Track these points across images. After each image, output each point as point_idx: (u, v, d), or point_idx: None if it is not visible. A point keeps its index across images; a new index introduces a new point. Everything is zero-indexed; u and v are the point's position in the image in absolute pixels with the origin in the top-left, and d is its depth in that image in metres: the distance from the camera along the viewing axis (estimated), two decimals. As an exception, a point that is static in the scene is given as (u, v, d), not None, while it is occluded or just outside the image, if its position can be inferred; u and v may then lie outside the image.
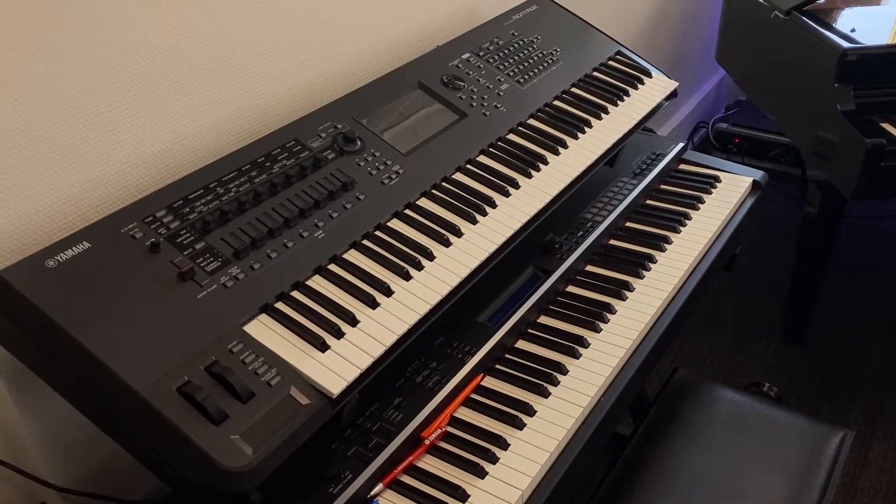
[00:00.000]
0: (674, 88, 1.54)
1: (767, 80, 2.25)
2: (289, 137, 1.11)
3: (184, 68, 1.09)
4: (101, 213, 1.01)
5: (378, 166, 1.13)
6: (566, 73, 1.45)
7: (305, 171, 1.07)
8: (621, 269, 1.31)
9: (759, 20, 2.16)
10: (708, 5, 3.05)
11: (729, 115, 3.17)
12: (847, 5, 2.19)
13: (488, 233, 1.11)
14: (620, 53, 1.57)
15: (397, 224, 1.08)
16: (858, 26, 1.99)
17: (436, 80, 1.30)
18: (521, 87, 1.38)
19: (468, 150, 1.22)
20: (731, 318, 2.46)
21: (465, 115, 1.27)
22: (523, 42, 1.47)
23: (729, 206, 1.48)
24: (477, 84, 1.34)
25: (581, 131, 1.34)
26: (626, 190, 1.46)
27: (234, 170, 1.04)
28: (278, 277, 0.95)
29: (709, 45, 3.04)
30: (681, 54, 2.98)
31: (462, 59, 1.37)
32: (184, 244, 0.93)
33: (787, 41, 2.06)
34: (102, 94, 1.00)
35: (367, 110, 1.20)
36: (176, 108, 1.10)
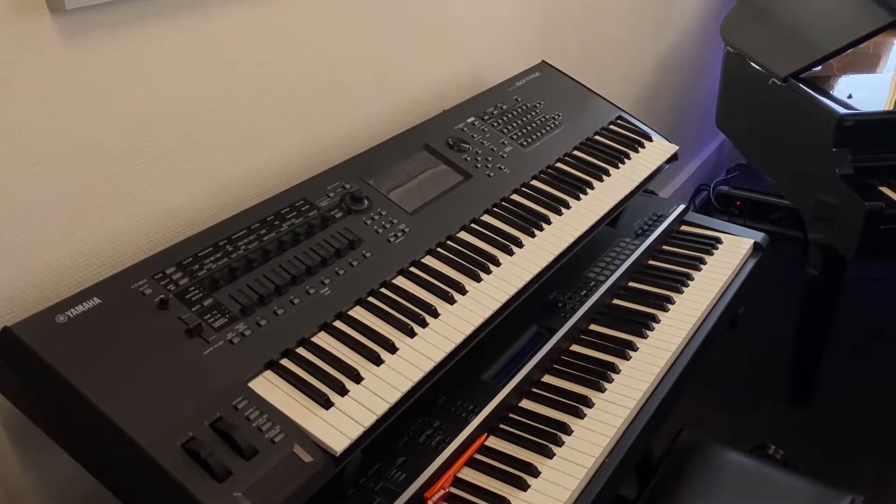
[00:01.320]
0: (674, 152, 1.57)
1: (767, 144, 2.30)
2: (298, 196, 1.14)
3: (196, 130, 1.13)
4: (113, 268, 1.03)
5: (384, 225, 1.15)
6: (568, 137, 1.49)
7: (313, 230, 1.09)
8: (625, 329, 1.32)
9: (757, 86, 2.22)
10: (707, 71, 3.13)
11: (730, 177, 3.21)
12: (844, 72, 2.25)
13: (492, 291, 1.12)
14: (621, 118, 1.61)
15: (402, 281, 1.09)
16: (856, 93, 2.04)
17: (441, 143, 1.34)
18: (525, 149, 1.41)
19: (473, 210, 1.24)
20: (736, 379, 2.45)
21: (469, 176, 1.30)
22: (526, 107, 1.51)
23: (731, 267, 1.49)
24: (481, 146, 1.37)
25: (583, 192, 1.36)
26: (629, 250, 1.48)
27: (243, 228, 1.06)
28: (284, 334, 0.95)
29: (709, 110, 3.10)
30: (681, 119, 3.04)
31: (467, 123, 1.41)
32: (192, 300, 0.94)
33: (785, 107, 2.10)
34: (116, 154, 1.03)
35: (374, 171, 1.23)
36: (188, 169, 1.13)
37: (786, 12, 2.35)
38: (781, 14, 2.36)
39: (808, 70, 2.08)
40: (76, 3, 0.90)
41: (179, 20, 1.06)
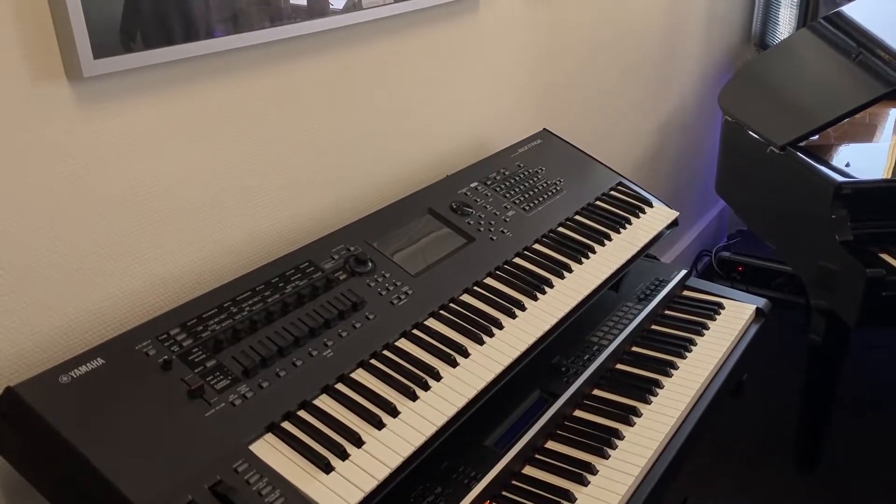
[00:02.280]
0: (674, 218, 1.59)
1: (766, 211, 2.32)
2: (303, 258, 1.15)
3: (204, 194, 1.15)
4: (118, 329, 1.03)
5: (388, 287, 1.16)
6: (570, 202, 1.51)
7: (317, 292, 1.10)
8: (628, 394, 1.31)
9: (755, 155, 2.25)
10: (706, 139, 3.18)
11: (731, 243, 3.23)
12: (841, 141, 2.28)
13: (495, 354, 1.12)
14: (622, 184, 1.63)
15: (405, 344, 1.10)
16: (853, 161, 2.07)
17: (445, 207, 1.36)
18: (527, 213, 1.43)
19: (476, 273, 1.25)
20: (741, 445, 2.41)
21: (472, 240, 1.31)
22: (529, 172, 1.54)
23: (733, 332, 1.49)
24: (484, 210, 1.39)
25: (585, 256, 1.38)
26: (632, 314, 1.48)
27: (248, 289, 1.07)
28: (286, 396, 0.95)
29: (709, 177, 3.14)
30: (681, 185, 3.08)
31: (470, 188, 1.43)
32: (195, 362, 0.94)
33: (783, 175, 2.13)
34: (125, 217, 1.05)
35: (378, 233, 1.25)
36: (195, 232, 1.14)
37: (782, 83, 2.41)
38: (778, 84, 2.42)
39: (806, 139, 2.12)
40: (93, 71, 0.93)
41: (189, 89, 1.09)
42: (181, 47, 1.03)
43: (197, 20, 1.04)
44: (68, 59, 0.92)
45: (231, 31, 1.09)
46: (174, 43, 1.02)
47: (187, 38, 1.03)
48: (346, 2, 1.27)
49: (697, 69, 2.94)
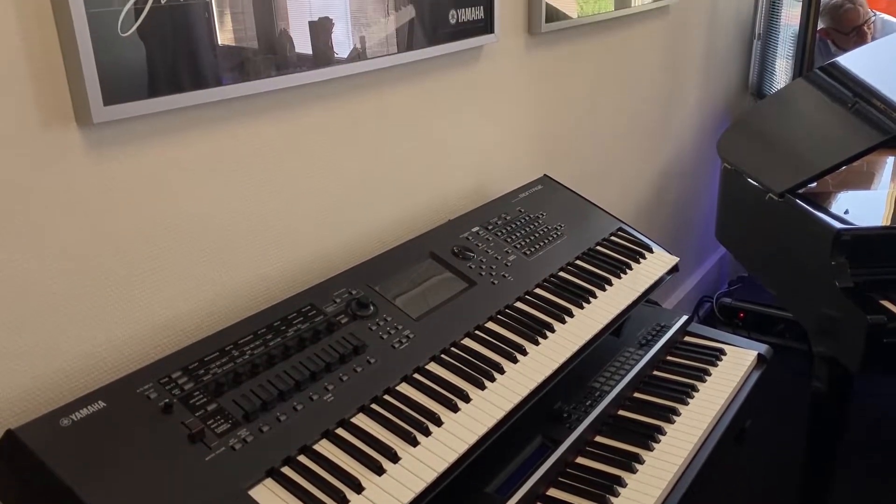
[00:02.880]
0: (675, 263, 1.60)
1: (766, 258, 2.33)
2: (305, 302, 1.15)
3: (209, 237, 1.16)
4: (120, 372, 1.03)
5: (389, 331, 1.16)
6: (570, 247, 1.52)
7: (319, 335, 1.10)
8: (631, 441, 1.30)
9: (754, 201, 2.27)
10: (706, 186, 3.21)
11: (732, 289, 3.23)
12: (839, 189, 2.31)
13: (497, 399, 1.12)
14: (622, 230, 1.65)
15: (406, 388, 1.09)
16: (852, 208, 2.08)
17: (447, 251, 1.37)
18: (528, 258, 1.44)
19: (477, 317, 1.26)
20: (746, 493, 2.37)
21: (474, 284, 1.32)
22: (529, 217, 1.55)
23: (735, 378, 1.48)
24: (486, 255, 1.40)
25: (586, 301, 1.38)
26: (633, 360, 1.47)
27: (249, 333, 1.07)
28: (286, 441, 0.95)
29: (709, 223, 3.16)
30: (681, 231, 3.09)
31: (472, 232, 1.44)
32: (196, 405, 0.94)
33: (782, 222, 2.15)
34: (131, 261, 1.06)
35: (380, 277, 1.25)
36: (199, 276, 1.15)
37: (780, 131, 2.44)
38: (776, 133, 2.46)
39: (804, 186, 2.14)
40: (103, 117, 0.95)
41: (196, 135, 1.11)
42: (190, 94, 1.05)
43: (205, 68, 1.07)
44: (79, 105, 0.94)
45: (238, 79, 1.12)
46: (183, 90, 1.04)
47: (196, 86, 1.06)
48: (350, 51, 1.30)
49: (696, 118, 2.98)
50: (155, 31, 0.99)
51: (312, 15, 1.22)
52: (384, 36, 1.35)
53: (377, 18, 1.33)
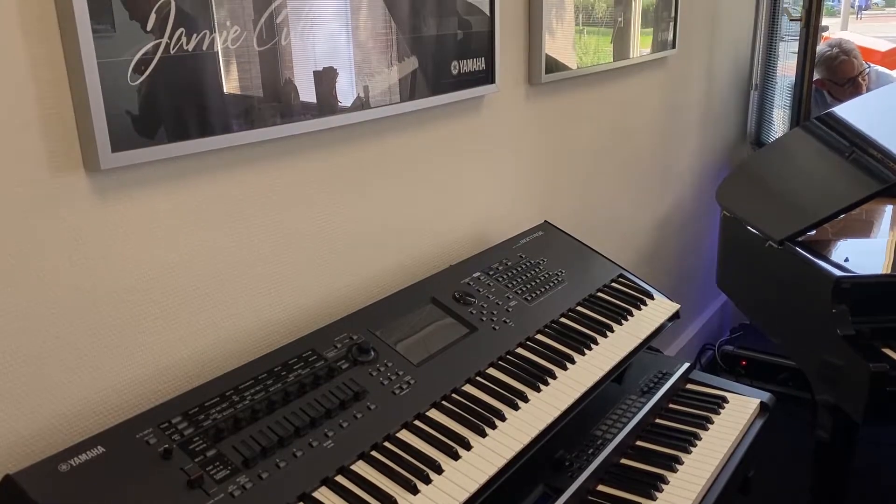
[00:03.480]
0: (676, 310, 1.60)
1: (767, 305, 2.33)
2: (306, 347, 1.16)
3: (212, 282, 1.16)
4: (120, 417, 1.03)
5: (390, 376, 1.16)
6: (571, 293, 1.52)
7: (319, 381, 1.10)
8: (633, 490, 1.29)
9: (754, 249, 2.28)
10: (706, 233, 3.23)
11: (734, 337, 3.22)
12: (839, 237, 2.32)
13: (498, 446, 1.11)
14: (623, 276, 1.65)
15: (406, 435, 1.09)
16: (852, 256, 2.09)
17: (448, 296, 1.37)
18: (529, 304, 1.44)
19: (478, 363, 1.25)
20: (753, 549, 2.33)
21: (475, 329, 1.32)
22: (530, 263, 1.56)
23: (738, 427, 1.47)
24: (487, 300, 1.40)
25: (588, 348, 1.38)
26: (635, 408, 1.47)
27: (250, 378, 1.07)
28: (285, 488, 0.94)
29: (709, 270, 3.17)
30: (682, 278, 3.10)
31: (473, 278, 1.45)
32: (196, 451, 0.93)
33: (783, 269, 2.15)
34: (133, 304, 1.06)
35: (381, 322, 1.26)
36: (201, 320, 1.15)
37: (779, 180, 2.46)
38: (775, 181, 2.48)
39: (803, 234, 2.15)
40: (111, 163, 0.96)
41: (202, 181, 1.13)
42: (195, 142, 1.07)
43: (211, 116, 1.09)
44: (87, 152, 0.96)
45: (243, 127, 1.14)
46: (189, 137, 1.06)
47: (202, 133, 1.08)
48: (354, 100, 1.32)
49: (695, 166, 3.01)
50: (163, 80, 1.01)
51: (317, 65, 1.24)
52: (387, 86, 1.38)
53: (381, 69, 1.36)
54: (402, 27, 1.38)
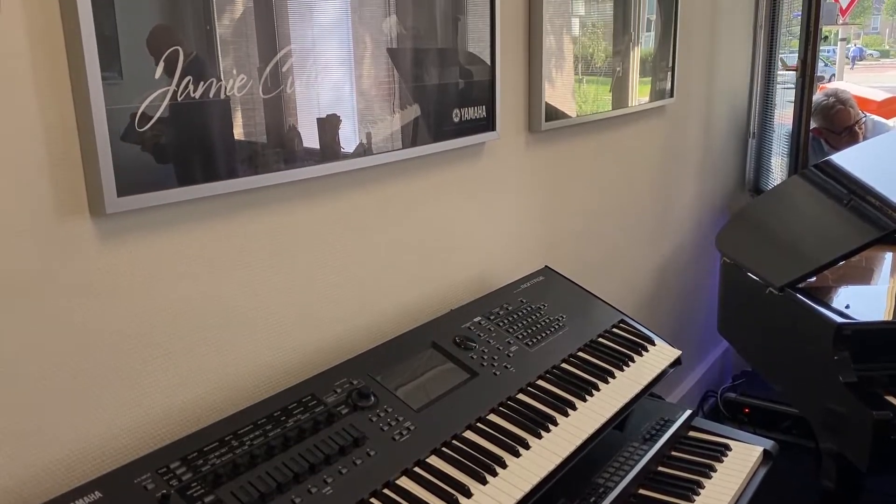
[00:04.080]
0: (677, 356, 1.60)
1: (769, 352, 2.32)
2: (305, 392, 1.15)
3: (214, 326, 1.17)
4: (118, 462, 1.02)
5: (390, 422, 1.15)
6: (572, 339, 1.52)
7: (319, 426, 1.09)
8: (636, 540, 1.27)
9: (755, 295, 2.29)
10: (706, 279, 3.23)
11: (737, 384, 3.20)
12: (839, 283, 2.32)
13: (498, 494, 1.09)
14: (623, 322, 1.65)
15: (406, 482, 1.07)
16: (853, 303, 2.09)
17: (449, 341, 1.37)
18: (530, 349, 1.44)
19: (479, 409, 1.25)
20: None
21: (476, 374, 1.32)
22: (531, 308, 1.56)
23: (742, 475, 1.46)
24: (488, 345, 1.40)
25: (589, 394, 1.37)
26: (637, 455, 1.45)
27: (249, 423, 1.07)
28: (283, 535, 0.93)
29: (711, 316, 3.16)
30: (683, 324, 3.09)
31: (474, 322, 1.45)
32: (194, 497, 0.93)
33: (783, 316, 2.15)
34: (134, 348, 1.06)
35: (382, 367, 1.25)
36: (202, 364, 1.15)
37: (778, 226, 2.48)
38: (774, 228, 2.49)
39: (804, 280, 2.16)
40: (116, 208, 0.98)
41: (206, 225, 1.14)
42: (200, 187, 1.08)
43: (216, 161, 1.10)
44: (93, 196, 0.97)
45: (248, 172, 1.15)
46: (194, 182, 1.07)
47: (206, 179, 1.09)
48: (356, 146, 1.34)
49: (694, 212, 3.03)
50: (170, 126, 1.03)
51: (321, 112, 1.27)
52: (389, 132, 1.40)
53: (383, 116, 1.38)
54: (405, 76, 1.41)
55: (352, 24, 1.29)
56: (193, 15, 1.04)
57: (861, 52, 23.41)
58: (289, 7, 1.17)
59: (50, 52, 0.92)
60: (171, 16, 1.02)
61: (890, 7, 35.77)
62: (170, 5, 1.02)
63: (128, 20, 0.97)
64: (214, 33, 1.07)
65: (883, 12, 35.01)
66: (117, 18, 0.95)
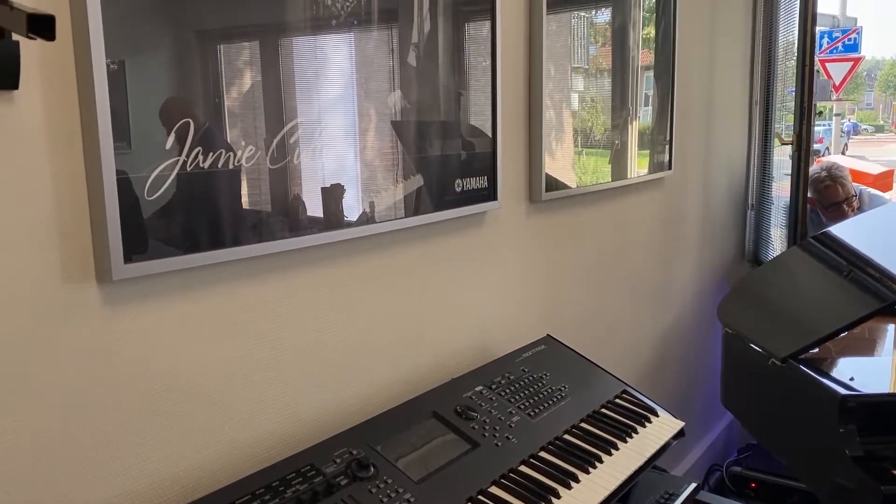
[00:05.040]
0: (681, 428, 1.58)
1: (773, 425, 2.29)
2: (304, 462, 1.14)
3: (214, 393, 1.16)
4: (110, 532, 1.00)
5: (389, 494, 1.13)
6: (575, 409, 1.51)
7: (317, 497, 1.08)
8: None
9: (758, 366, 2.27)
10: (709, 350, 3.21)
11: (742, 458, 3.14)
12: (842, 355, 2.31)
13: (499, 570, 1.07)
14: (626, 392, 1.64)
15: (406, 556, 1.05)
16: (857, 375, 2.07)
17: (450, 411, 1.36)
18: (532, 419, 1.42)
19: (480, 481, 1.23)
20: None
21: (477, 445, 1.30)
22: (533, 378, 1.55)
23: (750, 551, 1.42)
24: (489, 415, 1.39)
25: (592, 466, 1.35)
26: (642, 530, 1.42)
27: (247, 493, 1.05)
28: None
29: (714, 388, 3.13)
30: (687, 395, 3.06)
31: (475, 392, 1.44)
32: (188, 569, 0.91)
33: (787, 387, 2.14)
34: (132, 416, 1.05)
35: (382, 437, 1.24)
36: (200, 432, 1.14)
37: (779, 297, 2.48)
38: (775, 298, 2.50)
39: (806, 352, 2.15)
40: (123, 274, 0.99)
41: (210, 292, 1.15)
42: (204, 254, 1.10)
43: (221, 229, 1.12)
44: (100, 263, 0.98)
45: (252, 240, 1.17)
46: (199, 250, 1.09)
47: (211, 246, 1.11)
48: (359, 215, 1.36)
49: (695, 282, 3.04)
50: (178, 195, 1.05)
51: (325, 181, 1.29)
52: (392, 202, 1.42)
53: (386, 185, 1.41)
54: (409, 147, 1.45)
55: (357, 97, 1.33)
56: (204, 88, 1.08)
57: (856, 126, 23.86)
58: (296, 81, 1.21)
59: (65, 123, 0.95)
60: (183, 89, 1.05)
61: (882, 84, 36.61)
62: (182, 79, 1.05)
63: (140, 93, 1.00)
64: (224, 106, 1.11)
65: (876, 89, 35.84)
66: (130, 92, 0.99)
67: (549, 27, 1.83)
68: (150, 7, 1.00)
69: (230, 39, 1.12)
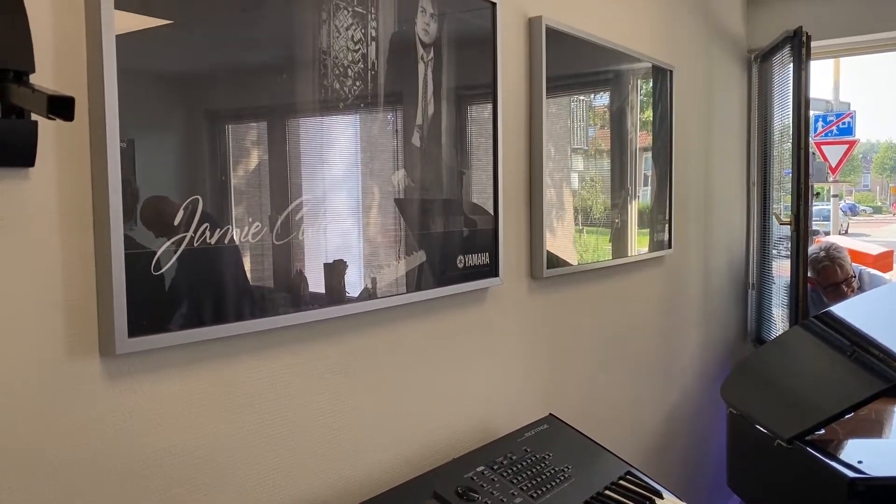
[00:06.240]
0: (686, 510, 1.54)
1: (781, 507, 2.23)
2: (301, 543, 1.11)
3: (208, 469, 1.14)
4: None
5: (388, 578, 1.10)
6: (579, 491, 1.48)
7: (314, 580, 1.05)
8: None
9: (763, 448, 2.23)
10: (713, 431, 3.16)
11: (751, 544, 3.05)
12: (850, 437, 2.27)
13: None
14: (630, 473, 1.61)
15: None
16: (865, 457, 2.03)
17: (451, 491, 1.33)
18: (535, 501, 1.39)
19: (481, 565, 1.19)
20: None
21: (478, 528, 1.27)
22: (536, 458, 1.53)
23: None
24: (491, 497, 1.36)
25: (596, 550, 1.32)
26: None
27: (242, 575, 1.02)
28: None
29: (720, 469, 3.07)
30: (692, 477, 2.99)
31: (476, 472, 1.41)
32: None
33: (794, 470, 2.09)
34: (131, 492, 1.04)
35: (381, 518, 1.21)
36: (195, 508, 1.12)
37: (783, 377, 2.46)
38: (779, 378, 2.47)
39: (812, 433, 2.12)
40: (126, 349, 0.99)
41: (213, 366, 1.14)
42: (207, 329, 1.10)
43: (225, 305, 1.13)
44: (104, 337, 0.99)
45: (255, 315, 1.17)
46: (203, 325, 1.09)
47: (214, 321, 1.11)
48: (361, 291, 1.37)
49: (698, 361, 3.02)
50: (183, 270, 1.07)
51: (328, 257, 1.31)
52: (394, 278, 1.44)
53: (389, 262, 1.43)
54: (411, 224, 1.47)
55: (362, 176, 1.36)
56: (212, 167, 1.11)
57: (854, 207, 24.11)
58: (303, 160, 1.25)
59: (76, 200, 0.97)
60: (191, 168, 1.08)
61: (878, 166, 37.18)
62: (190, 158, 1.08)
63: (149, 170, 1.03)
64: (230, 184, 1.13)
65: (872, 171, 36.39)
66: (139, 169, 1.01)
67: (549, 109, 1.89)
68: (165, 88, 1.04)
69: (240, 120, 1.15)
